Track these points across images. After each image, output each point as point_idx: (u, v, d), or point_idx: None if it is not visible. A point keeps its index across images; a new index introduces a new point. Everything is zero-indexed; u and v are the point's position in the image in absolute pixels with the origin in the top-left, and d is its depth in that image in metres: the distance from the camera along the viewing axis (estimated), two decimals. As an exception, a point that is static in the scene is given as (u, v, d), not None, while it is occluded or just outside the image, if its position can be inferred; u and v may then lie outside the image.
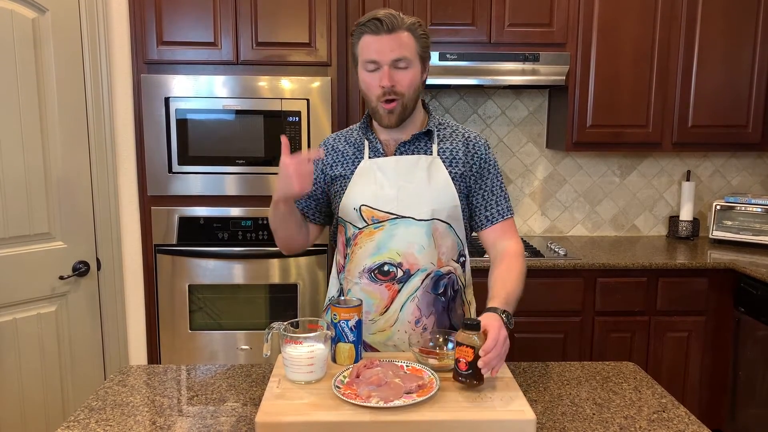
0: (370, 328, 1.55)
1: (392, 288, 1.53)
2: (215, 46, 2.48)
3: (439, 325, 1.57)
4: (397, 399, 1.16)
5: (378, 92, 1.47)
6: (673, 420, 1.28)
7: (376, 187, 1.53)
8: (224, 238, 2.57)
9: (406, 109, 1.51)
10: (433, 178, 1.53)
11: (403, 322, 1.54)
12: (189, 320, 2.60)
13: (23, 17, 2.12)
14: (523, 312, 2.66)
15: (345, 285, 1.60)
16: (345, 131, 1.66)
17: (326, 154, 1.62)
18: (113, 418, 1.28)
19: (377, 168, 1.54)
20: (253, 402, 1.35)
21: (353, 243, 1.56)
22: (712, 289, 2.72)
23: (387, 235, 1.52)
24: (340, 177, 1.58)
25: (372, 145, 1.57)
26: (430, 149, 1.57)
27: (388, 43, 1.44)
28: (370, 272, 1.54)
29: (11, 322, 2.17)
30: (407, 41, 1.46)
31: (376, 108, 1.50)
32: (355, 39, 1.50)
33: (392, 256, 1.52)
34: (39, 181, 2.21)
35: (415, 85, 1.50)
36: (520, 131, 3.23)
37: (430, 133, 1.58)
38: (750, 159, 3.30)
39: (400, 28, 1.45)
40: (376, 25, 1.44)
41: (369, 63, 1.47)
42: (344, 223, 1.58)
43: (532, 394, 1.39)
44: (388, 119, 1.50)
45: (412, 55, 1.47)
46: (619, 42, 2.83)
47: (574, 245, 3.03)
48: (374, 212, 1.52)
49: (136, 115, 2.51)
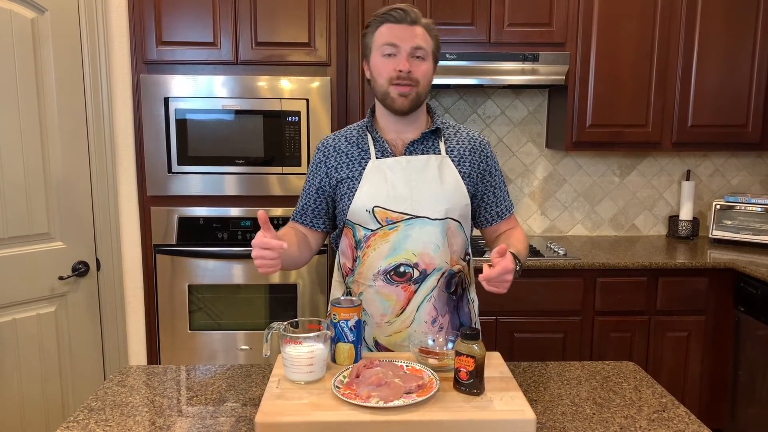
0: (386, 330, 1.54)
1: (408, 289, 1.53)
2: (215, 46, 2.48)
3: (450, 323, 1.57)
4: (396, 399, 1.16)
5: (392, 75, 1.47)
6: (673, 420, 1.28)
7: (388, 188, 1.51)
8: (224, 238, 2.57)
9: (419, 98, 1.51)
10: (445, 178, 1.53)
11: (420, 322, 1.54)
12: (188, 320, 2.59)
13: (22, 17, 2.12)
14: (523, 312, 2.69)
15: (355, 288, 1.57)
16: (343, 131, 1.63)
17: (329, 156, 1.59)
18: (113, 418, 1.27)
19: (387, 168, 1.52)
20: (253, 402, 1.35)
21: (365, 245, 1.53)
22: (712, 288, 2.72)
23: (402, 235, 1.51)
24: (347, 179, 1.55)
25: (378, 145, 1.56)
26: (438, 148, 1.56)
27: (410, 31, 1.48)
28: (385, 274, 1.52)
29: (11, 322, 2.17)
30: (425, 36, 1.50)
31: (387, 92, 1.49)
32: (371, 28, 1.51)
33: (408, 257, 1.51)
34: (38, 182, 2.21)
35: (429, 78, 1.52)
36: (519, 131, 3.23)
37: (438, 131, 1.58)
38: (750, 158, 3.30)
39: (419, 22, 1.50)
40: (400, 14, 1.47)
41: (387, 46, 1.47)
42: (352, 226, 1.55)
43: (532, 393, 1.39)
44: (400, 102, 1.49)
45: (429, 48, 1.51)
46: (619, 42, 2.83)
47: (573, 245, 3.03)
48: (388, 213, 1.51)
49: (135, 116, 2.51)
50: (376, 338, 1.57)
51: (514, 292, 2.75)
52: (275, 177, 2.54)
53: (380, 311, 1.54)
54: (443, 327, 1.55)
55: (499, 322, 2.67)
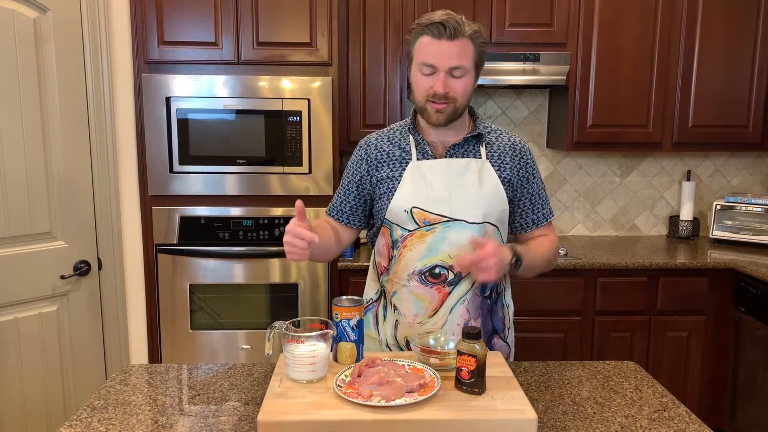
0: (418, 330, 1.54)
1: (442, 291, 1.53)
2: (216, 46, 2.49)
3: (483, 327, 1.57)
4: (398, 398, 1.16)
5: (429, 93, 1.46)
6: (673, 419, 1.28)
7: (428, 190, 1.51)
8: (225, 238, 2.57)
9: (457, 112, 1.49)
10: (484, 182, 1.53)
11: (452, 324, 1.54)
12: (190, 320, 2.60)
13: (24, 17, 2.12)
14: (524, 311, 2.68)
15: (389, 287, 1.58)
16: (386, 131, 1.63)
17: (370, 154, 1.59)
18: (115, 417, 1.28)
19: (427, 170, 1.53)
20: (255, 401, 1.35)
21: (401, 245, 1.54)
22: (713, 288, 2.72)
23: (439, 237, 1.51)
24: (388, 179, 1.55)
25: (420, 147, 1.55)
26: (479, 153, 1.56)
27: (448, 50, 1.42)
28: (420, 275, 1.53)
29: (12, 321, 2.17)
30: (467, 49, 1.44)
31: (424, 107, 1.49)
32: (413, 37, 1.48)
33: (444, 259, 1.51)
34: (40, 181, 2.21)
35: (468, 93, 1.49)
36: (520, 131, 3.23)
37: (480, 136, 1.57)
38: (750, 159, 3.31)
39: (462, 35, 1.42)
40: (439, 29, 1.41)
41: (426, 66, 1.45)
42: (390, 225, 1.55)
43: (533, 393, 1.39)
44: (437, 118, 1.48)
45: (469, 64, 1.45)
46: (620, 42, 2.83)
47: (574, 245, 3.03)
48: (426, 215, 1.51)
49: (137, 115, 2.51)
50: (408, 338, 1.56)
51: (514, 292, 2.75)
52: (276, 177, 2.54)
53: (413, 311, 1.54)
54: None
55: (499, 322, 2.67)
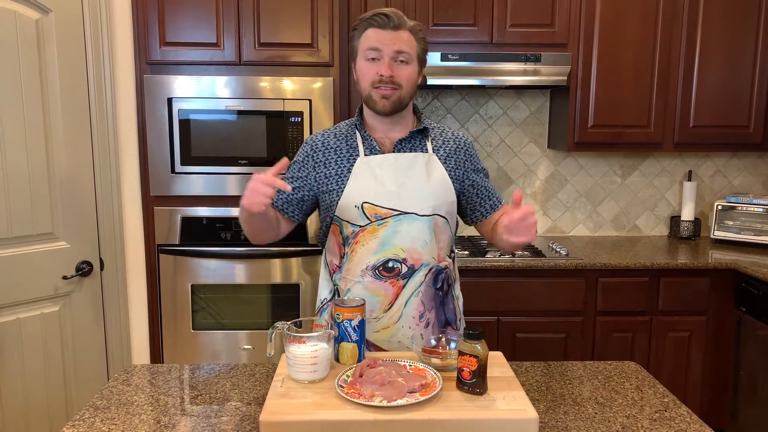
0: (374, 326, 1.56)
1: (396, 284, 1.54)
2: (218, 47, 2.49)
3: (436, 318, 1.58)
4: (400, 398, 1.16)
5: (374, 78, 1.50)
6: (675, 419, 1.28)
7: (377, 184, 1.53)
8: (226, 238, 2.58)
9: (402, 101, 1.53)
10: (432, 175, 1.56)
11: (408, 317, 1.55)
12: (191, 320, 2.60)
13: (27, 18, 2.13)
14: (524, 312, 2.69)
15: (343, 285, 1.59)
16: (332, 128, 1.66)
17: (317, 151, 1.60)
18: (118, 417, 1.28)
19: (376, 165, 1.55)
20: (257, 401, 1.36)
21: (353, 241, 1.55)
22: (714, 289, 2.72)
23: (391, 231, 1.53)
24: (336, 175, 1.57)
25: (367, 143, 1.58)
26: (425, 147, 1.60)
27: (392, 36, 1.49)
28: (374, 269, 1.54)
29: (14, 321, 2.18)
30: (409, 40, 1.52)
31: (370, 94, 1.53)
32: (358, 32, 1.54)
33: (397, 252, 1.53)
34: (42, 182, 2.22)
35: (413, 82, 1.55)
36: (521, 131, 3.24)
37: (425, 131, 1.61)
38: (751, 159, 3.31)
39: (404, 27, 1.52)
40: (383, 20, 1.49)
41: (371, 50, 1.50)
42: (340, 222, 1.57)
43: (534, 393, 1.40)
44: (382, 104, 1.52)
45: (413, 52, 1.52)
46: (621, 42, 2.83)
47: (575, 245, 3.03)
48: (377, 209, 1.53)
49: (138, 116, 2.52)
50: None
51: (515, 292, 2.76)
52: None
53: (368, 307, 1.54)
54: (430, 322, 1.57)
55: (500, 323, 2.67)
